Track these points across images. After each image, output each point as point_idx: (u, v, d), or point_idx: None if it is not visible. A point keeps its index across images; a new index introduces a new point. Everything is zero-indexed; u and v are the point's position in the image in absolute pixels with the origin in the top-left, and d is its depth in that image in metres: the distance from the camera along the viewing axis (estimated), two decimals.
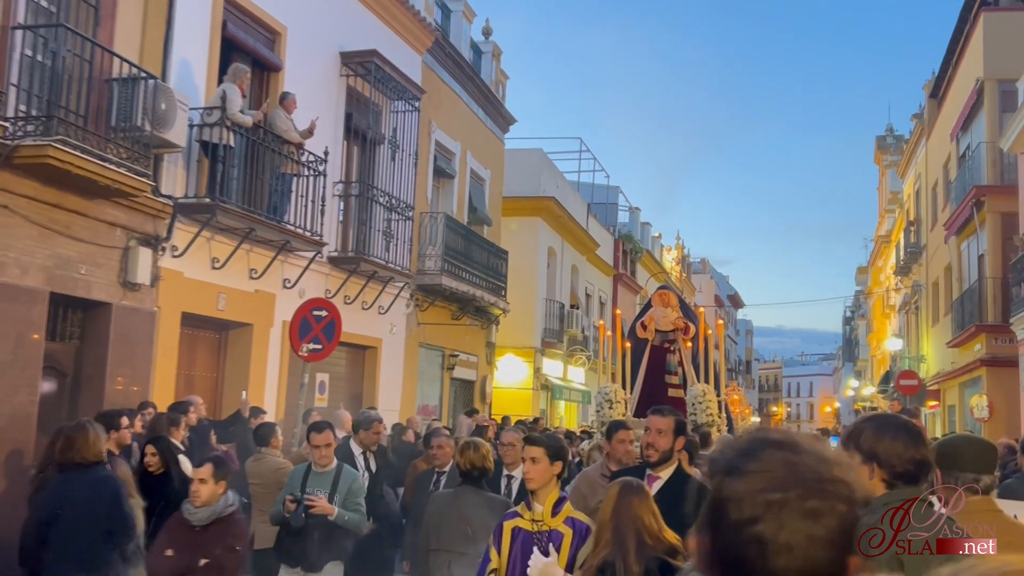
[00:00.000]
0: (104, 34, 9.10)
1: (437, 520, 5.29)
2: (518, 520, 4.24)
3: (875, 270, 46.81)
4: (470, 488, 5.36)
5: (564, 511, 4.19)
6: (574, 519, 4.16)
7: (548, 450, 4.23)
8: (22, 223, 8.17)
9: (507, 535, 4.22)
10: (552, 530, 4.12)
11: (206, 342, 11.26)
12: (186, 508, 5.26)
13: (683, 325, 11.78)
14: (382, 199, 14.04)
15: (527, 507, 4.24)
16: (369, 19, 14.46)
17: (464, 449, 5.45)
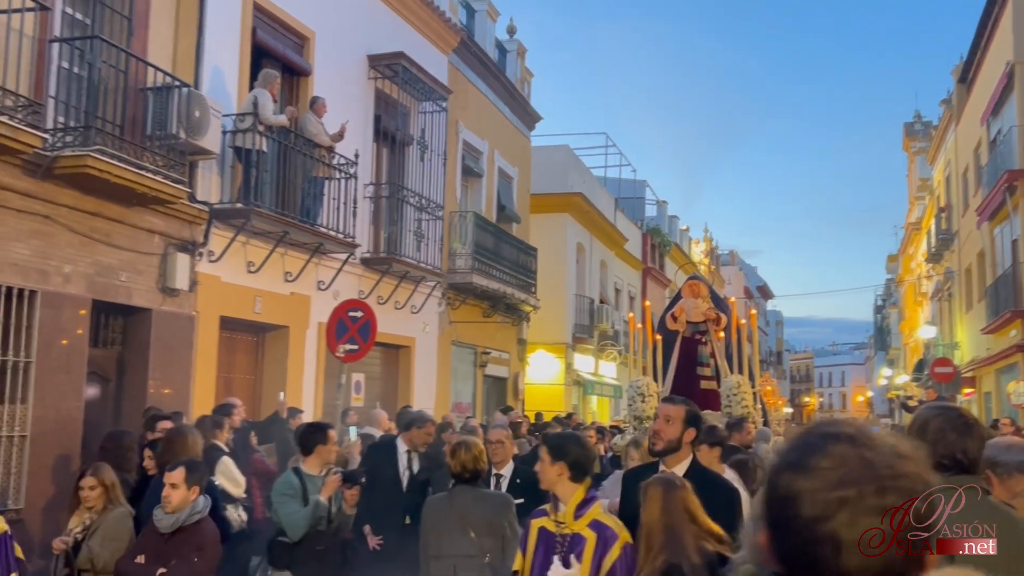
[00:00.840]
0: (138, 44, 9.24)
1: (435, 525, 5.02)
2: (544, 520, 4.03)
3: (906, 257, 46.39)
4: (465, 488, 5.10)
5: (589, 514, 3.91)
6: (600, 523, 3.88)
7: (550, 450, 4.02)
8: (64, 232, 8.33)
9: (533, 535, 4.04)
10: (575, 534, 3.87)
11: (244, 345, 11.40)
12: (156, 514, 5.05)
13: (714, 316, 11.59)
14: (412, 199, 14.14)
15: (553, 507, 4.03)
16: (395, 21, 14.56)
17: (455, 450, 5.18)
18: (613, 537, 3.80)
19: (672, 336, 11.67)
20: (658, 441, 4.42)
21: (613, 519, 3.96)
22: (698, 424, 4.49)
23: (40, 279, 8.05)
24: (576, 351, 24.02)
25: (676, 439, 4.38)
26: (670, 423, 4.40)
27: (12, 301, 7.78)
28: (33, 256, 7.99)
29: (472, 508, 4.96)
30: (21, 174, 7.81)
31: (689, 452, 4.46)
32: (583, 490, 3.95)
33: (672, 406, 4.52)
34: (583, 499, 3.93)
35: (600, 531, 3.83)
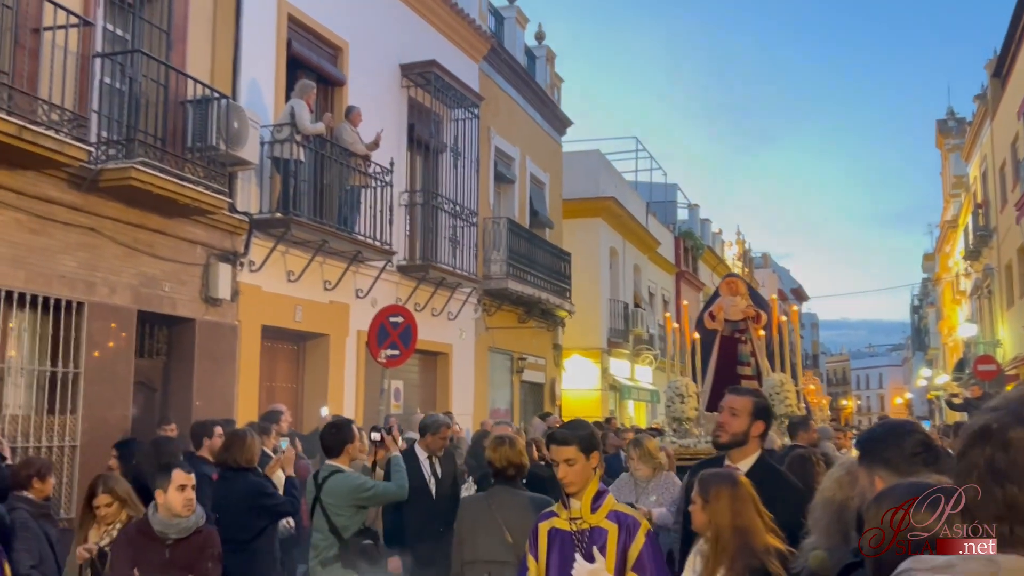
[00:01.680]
0: (176, 58, 9.37)
1: (471, 528, 4.70)
2: (554, 520, 3.75)
3: (942, 256, 45.81)
4: (505, 488, 4.77)
5: (605, 505, 3.66)
6: (618, 512, 3.65)
7: (581, 445, 3.64)
8: (109, 244, 8.45)
9: (543, 538, 3.75)
10: (593, 528, 3.61)
11: (285, 353, 11.49)
12: (158, 520, 4.61)
13: (754, 313, 11.37)
14: (447, 206, 14.20)
15: (563, 505, 3.73)
16: (426, 30, 14.64)
17: (497, 444, 4.88)
18: (635, 525, 3.58)
19: (711, 335, 11.50)
20: (722, 434, 4.19)
21: (630, 508, 3.78)
22: (767, 417, 4.24)
23: (87, 291, 8.17)
24: (612, 356, 23.95)
25: (742, 432, 4.14)
26: (736, 415, 4.15)
27: (61, 313, 7.90)
28: (80, 268, 8.12)
29: (512, 511, 4.59)
30: (67, 187, 7.95)
31: (757, 447, 4.20)
32: (596, 481, 3.71)
33: (738, 397, 4.25)
34: (597, 491, 3.69)
35: (620, 521, 3.60)
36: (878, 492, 1.91)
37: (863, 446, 2.55)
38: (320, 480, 5.79)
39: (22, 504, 5.34)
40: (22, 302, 7.59)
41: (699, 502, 3.62)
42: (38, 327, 7.93)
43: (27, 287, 7.59)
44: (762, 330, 11.25)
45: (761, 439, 4.20)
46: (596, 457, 3.67)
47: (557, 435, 3.71)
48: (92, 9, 8.37)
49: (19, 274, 7.53)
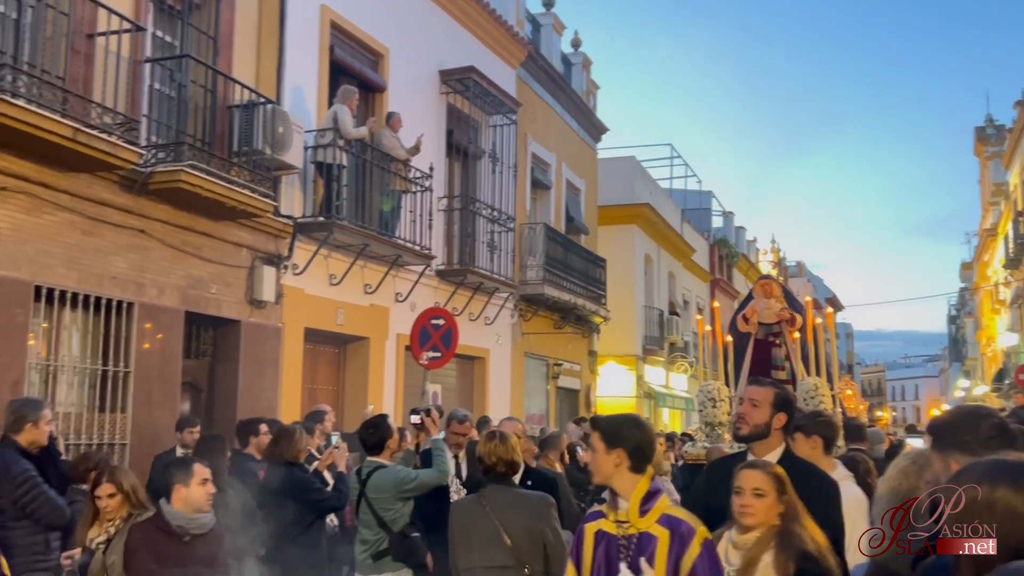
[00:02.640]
0: (223, 63, 9.52)
1: (465, 532, 4.34)
2: (602, 522, 3.36)
3: (981, 265, 45.25)
4: (499, 488, 4.44)
5: (657, 508, 3.25)
6: (672, 517, 3.23)
7: (603, 434, 3.35)
8: (158, 246, 8.60)
9: (589, 541, 3.36)
10: (642, 534, 3.22)
11: (326, 356, 11.61)
12: (177, 515, 4.39)
13: (788, 316, 11.16)
14: (484, 212, 14.27)
15: (611, 506, 3.37)
16: (465, 37, 14.75)
17: (488, 439, 4.51)
18: (690, 532, 3.16)
19: (744, 339, 11.30)
20: (742, 425, 4.01)
21: (686, 512, 3.33)
22: (789, 409, 4.03)
23: (137, 291, 8.32)
24: (646, 363, 23.89)
25: (763, 424, 3.96)
26: (756, 406, 3.98)
27: (112, 313, 8.05)
28: (130, 269, 8.27)
29: (508, 510, 4.29)
30: (118, 190, 8.11)
31: (780, 440, 4.00)
32: (646, 481, 3.29)
33: (759, 388, 4.09)
34: (647, 492, 3.28)
35: (673, 527, 3.19)
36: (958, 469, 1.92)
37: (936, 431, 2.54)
38: (364, 476, 5.84)
39: (81, 497, 5.46)
40: (75, 302, 7.74)
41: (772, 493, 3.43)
42: (90, 326, 8.08)
43: (80, 287, 7.74)
44: (797, 333, 11.06)
45: (784, 432, 4.03)
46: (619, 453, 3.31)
47: (593, 418, 3.59)
48: (143, 15, 8.54)
49: (72, 274, 7.69)
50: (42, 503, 5.31)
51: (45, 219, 7.48)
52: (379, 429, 5.92)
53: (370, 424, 6.06)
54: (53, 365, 7.75)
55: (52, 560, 5.47)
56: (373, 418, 6.29)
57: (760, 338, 11.28)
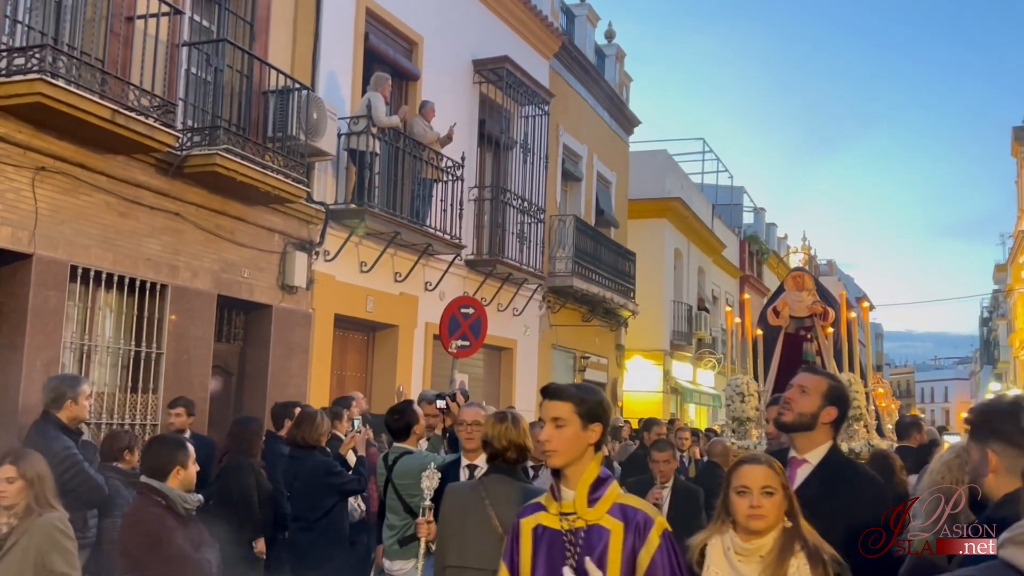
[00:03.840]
0: (259, 48, 9.55)
1: (459, 524, 3.76)
2: (541, 516, 2.90)
3: (1015, 267, 44.58)
4: (502, 477, 3.88)
5: (608, 496, 2.81)
6: (624, 507, 2.80)
7: (578, 406, 2.82)
8: (192, 229, 8.65)
9: (526, 539, 2.90)
10: (591, 527, 2.77)
11: (355, 343, 11.64)
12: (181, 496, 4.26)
13: (821, 310, 10.93)
14: (515, 202, 14.25)
15: (553, 496, 2.88)
16: (499, 26, 14.72)
17: (498, 420, 3.98)
18: (647, 523, 2.74)
19: (774, 332, 11.05)
20: (786, 412, 3.54)
21: (641, 500, 2.89)
22: (843, 405, 3.59)
23: (170, 274, 8.37)
24: (674, 358, 23.78)
25: (810, 414, 3.50)
26: (806, 393, 3.53)
27: (146, 295, 8.12)
28: (164, 252, 8.33)
29: (510, 507, 3.58)
30: (154, 172, 8.15)
31: (828, 436, 3.55)
32: (597, 464, 2.84)
33: (811, 375, 3.68)
34: (597, 477, 2.82)
35: (627, 517, 2.76)
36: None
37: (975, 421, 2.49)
38: (390, 462, 5.84)
39: (114, 474, 5.52)
40: (109, 283, 7.80)
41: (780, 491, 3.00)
42: (124, 308, 8.14)
43: (115, 268, 7.80)
44: (830, 327, 10.80)
45: (833, 428, 3.58)
46: (597, 431, 2.83)
47: (550, 387, 2.93)
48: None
49: (108, 255, 7.75)
50: (82, 480, 5.36)
51: (82, 200, 7.54)
52: (405, 415, 5.88)
53: (396, 410, 6.04)
54: (87, 345, 7.82)
55: (90, 537, 5.53)
56: (399, 404, 6.27)
57: (791, 332, 11.04)
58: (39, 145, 7.11)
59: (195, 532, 4.32)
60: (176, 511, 4.22)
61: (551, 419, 2.81)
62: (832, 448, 3.55)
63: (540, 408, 2.85)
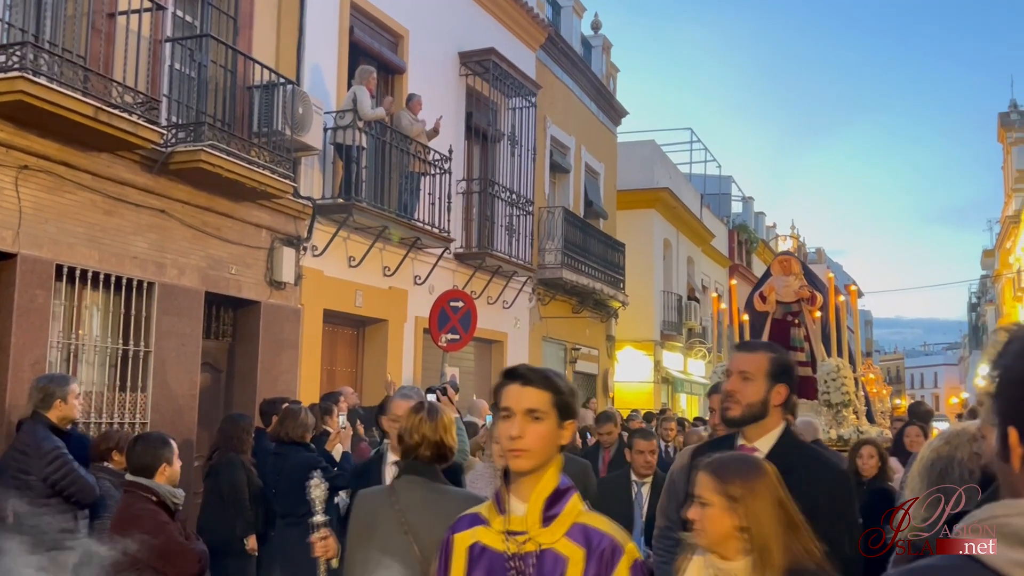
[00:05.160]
0: (243, 43, 9.49)
1: (366, 533, 3.18)
2: (481, 531, 2.30)
3: (1003, 252, 44.80)
4: (415, 479, 3.23)
5: (567, 513, 2.22)
6: (588, 528, 2.21)
7: (556, 396, 2.26)
8: (178, 226, 8.60)
9: (459, 559, 2.31)
10: (545, 551, 2.19)
11: (345, 338, 11.62)
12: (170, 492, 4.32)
13: (809, 295, 10.65)
14: (503, 195, 14.22)
15: (497, 507, 2.29)
16: (485, 19, 14.67)
17: (413, 412, 3.42)
18: (614, 551, 2.18)
19: (761, 318, 10.82)
20: (732, 405, 3.10)
21: (608, 521, 2.28)
22: (789, 378, 3.13)
23: (157, 271, 8.33)
24: (664, 348, 23.82)
25: (759, 402, 3.07)
26: (749, 379, 3.09)
27: (132, 292, 8.07)
28: (150, 249, 8.28)
29: (423, 513, 3.07)
30: (139, 169, 8.10)
31: (779, 419, 3.12)
32: (556, 471, 2.26)
33: (749, 355, 3.17)
34: (554, 489, 2.23)
35: (590, 542, 2.19)
36: None
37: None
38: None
39: (104, 475, 5.49)
40: (96, 281, 7.75)
41: (718, 502, 2.44)
42: (111, 306, 8.10)
43: (101, 266, 7.75)
44: (818, 312, 10.59)
45: (784, 408, 3.13)
46: (571, 430, 2.31)
47: (521, 369, 2.31)
48: None
49: (93, 254, 7.70)
50: (72, 480, 5.34)
51: (66, 198, 7.49)
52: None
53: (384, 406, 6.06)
54: (74, 344, 7.77)
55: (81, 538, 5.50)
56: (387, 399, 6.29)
57: (778, 317, 10.83)
58: (22, 144, 7.05)
59: (183, 526, 4.39)
60: (166, 506, 4.27)
61: (524, 410, 2.21)
62: (785, 432, 3.13)
63: (500, 395, 2.27)
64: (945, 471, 2.57)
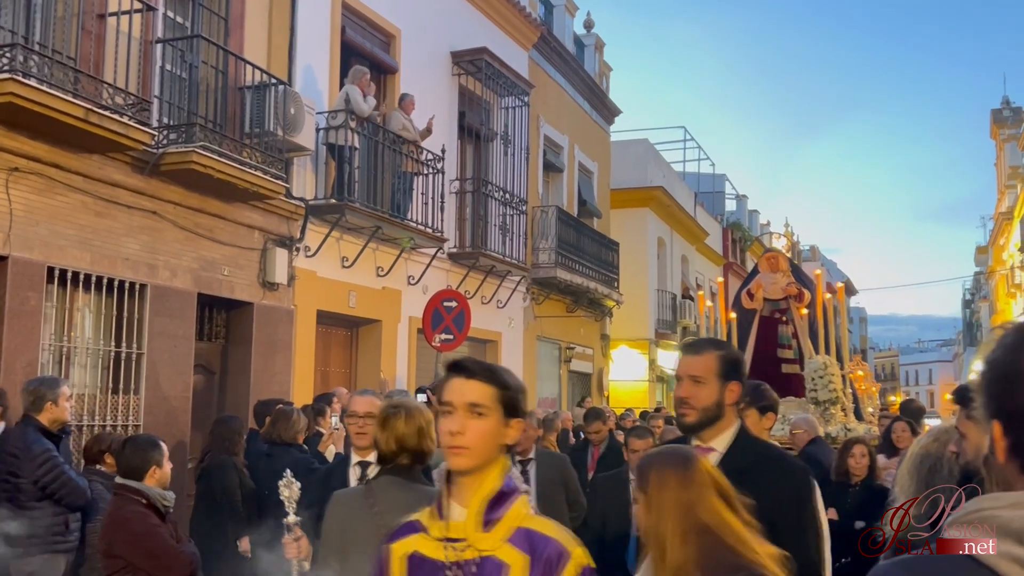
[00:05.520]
0: (234, 44, 9.47)
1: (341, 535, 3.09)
2: (419, 539, 2.18)
3: (996, 249, 44.95)
4: (393, 480, 3.14)
5: (510, 517, 2.10)
6: (532, 533, 2.09)
7: (502, 391, 2.14)
8: (170, 228, 8.58)
9: (397, 569, 2.19)
10: (485, 558, 2.07)
11: (338, 339, 11.60)
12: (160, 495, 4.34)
13: (796, 292, 10.54)
14: (497, 194, 14.22)
15: (436, 512, 2.16)
16: (477, 18, 14.67)
17: (387, 418, 3.22)
18: (561, 556, 2.06)
19: (749, 316, 10.72)
20: (687, 412, 2.96)
21: (555, 525, 2.15)
22: (739, 374, 3.01)
23: (149, 273, 8.31)
24: (659, 347, 23.84)
25: (713, 404, 2.93)
26: (700, 383, 2.94)
27: (124, 294, 8.05)
28: (142, 251, 8.26)
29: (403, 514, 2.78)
30: (130, 171, 8.08)
31: (734, 418, 3.00)
32: (499, 473, 2.13)
33: (697, 357, 3.00)
34: (498, 490, 2.11)
35: (535, 548, 2.06)
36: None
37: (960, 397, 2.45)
38: None
39: (96, 477, 5.48)
40: (88, 283, 7.73)
41: (640, 499, 2.35)
42: (103, 308, 8.08)
43: (92, 268, 7.73)
44: (805, 309, 10.55)
45: (738, 406, 3.04)
46: (518, 429, 2.17)
47: (465, 362, 2.18)
48: None
49: (85, 256, 7.68)
50: (63, 483, 5.32)
51: (57, 200, 7.47)
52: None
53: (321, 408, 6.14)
54: (66, 347, 7.75)
55: (72, 541, 5.49)
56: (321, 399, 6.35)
57: (766, 315, 10.74)
58: (12, 146, 7.03)
59: (175, 529, 4.38)
60: (157, 509, 4.26)
61: (466, 404, 2.09)
62: (740, 430, 3.01)
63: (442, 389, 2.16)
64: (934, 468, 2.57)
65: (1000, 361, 1.30)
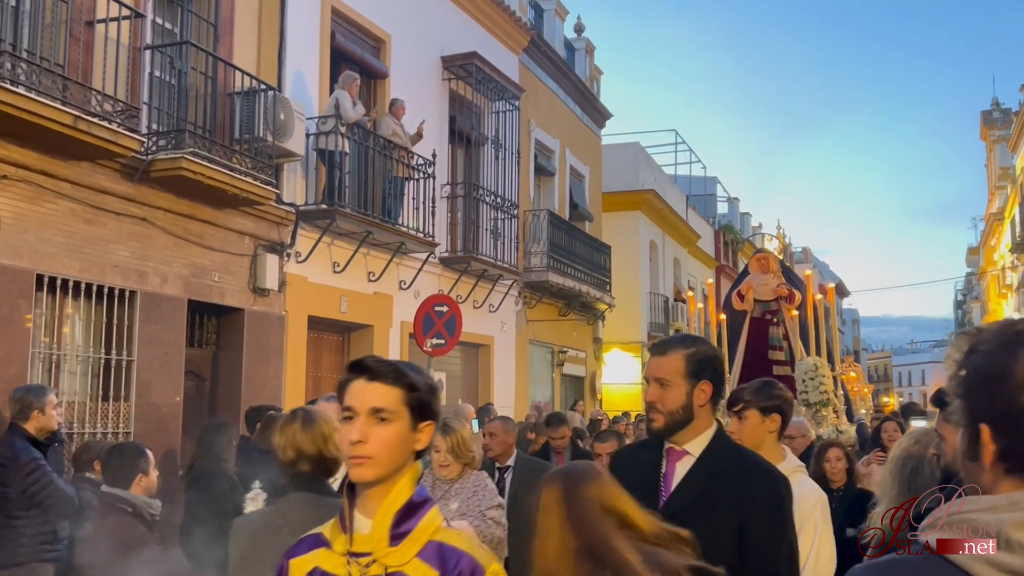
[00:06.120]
0: (223, 50, 9.46)
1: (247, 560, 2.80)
2: (320, 555, 1.99)
3: (987, 249, 45.11)
4: (303, 497, 2.85)
5: (421, 529, 1.93)
6: (444, 547, 1.93)
7: (408, 393, 1.94)
8: (160, 234, 8.57)
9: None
10: (392, 575, 1.90)
11: (330, 344, 11.59)
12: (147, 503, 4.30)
13: (787, 293, 10.56)
14: (488, 198, 14.23)
15: (340, 526, 1.97)
16: (467, 22, 14.68)
17: (287, 422, 2.99)
18: (473, 571, 1.92)
19: (739, 317, 10.67)
20: (655, 416, 2.78)
21: (468, 538, 2.02)
22: (711, 372, 2.80)
23: (139, 280, 8.29)
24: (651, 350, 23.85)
25: (680, 408, 2.75)
26: (667, 386, 2.76)
27: (114, 301, 8.03)
28: (132, 258, 8.24)
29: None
30: (119, 178, 8.07)
31: (709, 420, 2.82)
32: (410, 482, 1.95)
33: (662, 358, 2.81)
34: (408, 501, 1.94)
35: (446, 563, 1.91)
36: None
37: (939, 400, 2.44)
38: None
39: (86, 485, 5.46)
40: (77, 291, 7.71)
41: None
42: (92, 315, 8.06)
43: (82, 276, 7.71)
44: (796, 310, 10.53)
45: (713, 404, 2.82)
46: (428, 434, 1.98)
47: (368, 362, 1.96)
48: (142, 2, 8.49)
49: (74, 263, 7.66)
50: (51, 492, 5.30)
51: (46, 207, 7.45)
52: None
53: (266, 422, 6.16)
54: (56, 354, 7.73)
55: (60, 549, 5.46)
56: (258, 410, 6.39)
57: (756, 316, 10.70)
58: (0, 153, 7.01)
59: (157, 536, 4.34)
60: (143, 517, 4.23)
61: (368, 410, 1.89)
62: (717, 433, 2.83)
63: (343, 392, 1.95)
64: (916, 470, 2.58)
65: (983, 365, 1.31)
